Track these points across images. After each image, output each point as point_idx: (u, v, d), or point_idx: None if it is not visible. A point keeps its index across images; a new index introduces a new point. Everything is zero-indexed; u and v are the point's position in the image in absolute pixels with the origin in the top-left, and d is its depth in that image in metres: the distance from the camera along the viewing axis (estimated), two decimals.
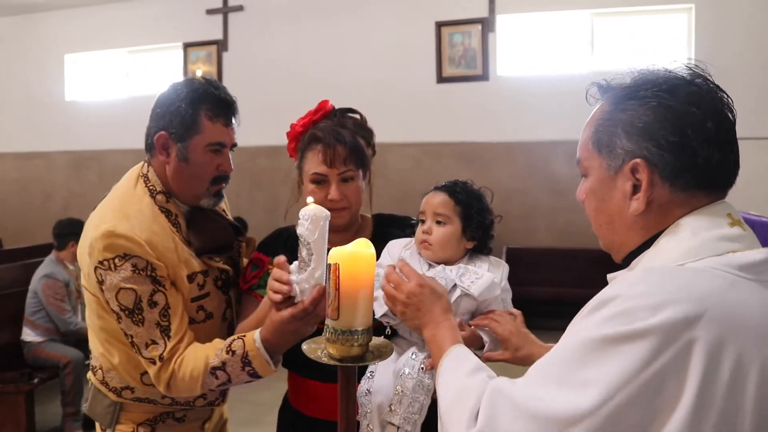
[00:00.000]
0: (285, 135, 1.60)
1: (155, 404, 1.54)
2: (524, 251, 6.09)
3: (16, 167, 8.24)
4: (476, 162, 6.23)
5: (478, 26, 6.34)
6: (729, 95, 0.89)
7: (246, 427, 3.71)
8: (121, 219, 1.40)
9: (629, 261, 0.94)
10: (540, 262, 6.02)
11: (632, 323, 0.76)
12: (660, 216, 0.89)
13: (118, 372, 1.50)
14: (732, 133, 0.89)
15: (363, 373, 1.36)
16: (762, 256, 0.84)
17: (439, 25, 6.47)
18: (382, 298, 1.24)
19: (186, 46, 7.36)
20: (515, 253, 5.92)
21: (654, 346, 0.74)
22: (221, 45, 7.22)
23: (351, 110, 1.60)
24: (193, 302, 1.48)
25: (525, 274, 5.40)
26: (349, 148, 1.48)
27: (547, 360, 0.84)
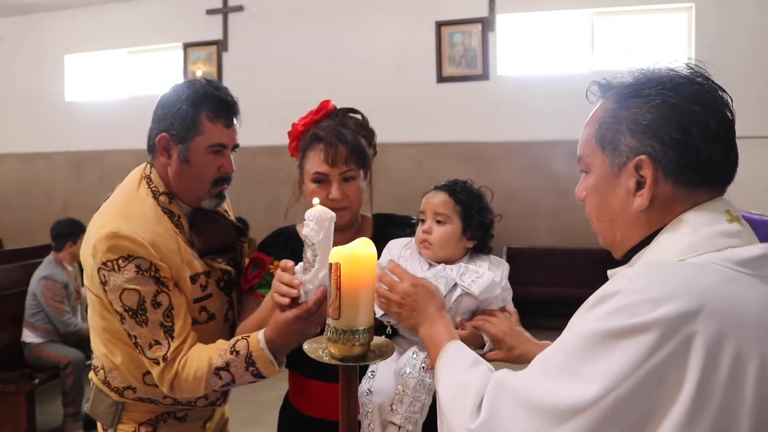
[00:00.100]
0: (285, 135, 1.60)
1: (157, 404, 1.54)
2: (525, 251, 6.10)
3: (18, 168, 8.24)
4: (476, 162, 6.23)
5: (478, 26, 6.34)
6: (729, 94, 0.90)
7: (247, 427, 3.71)
8: (125, 220, 1.40)
9: (629, 257, 0.94)
10: (540, 262, 6.03)
11: (633, 317, 0.77)
12: (662, 212, 0.90)
13: (121, 372, 1.51)
14: (732, 132, 0.90)
15: (364, 373, 1.36)
16: (761, 252, 0.85)
17: (439, 25, 6.47)
18: (376, 302, 1.24)
19: (186, 47, 7.36)
20: (516, 253, 5.93)
21: (654, 340, 0.75)
22: (221, 45, 7.22)
23: (352, 110, 1.60)
24: (196, 303, 1.48)
25: (525, 274, 5.40)
26: (351, 148, 1.48)
27: (550, 353, 0.85)
